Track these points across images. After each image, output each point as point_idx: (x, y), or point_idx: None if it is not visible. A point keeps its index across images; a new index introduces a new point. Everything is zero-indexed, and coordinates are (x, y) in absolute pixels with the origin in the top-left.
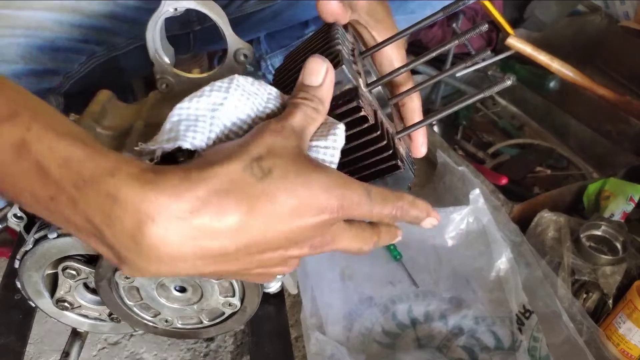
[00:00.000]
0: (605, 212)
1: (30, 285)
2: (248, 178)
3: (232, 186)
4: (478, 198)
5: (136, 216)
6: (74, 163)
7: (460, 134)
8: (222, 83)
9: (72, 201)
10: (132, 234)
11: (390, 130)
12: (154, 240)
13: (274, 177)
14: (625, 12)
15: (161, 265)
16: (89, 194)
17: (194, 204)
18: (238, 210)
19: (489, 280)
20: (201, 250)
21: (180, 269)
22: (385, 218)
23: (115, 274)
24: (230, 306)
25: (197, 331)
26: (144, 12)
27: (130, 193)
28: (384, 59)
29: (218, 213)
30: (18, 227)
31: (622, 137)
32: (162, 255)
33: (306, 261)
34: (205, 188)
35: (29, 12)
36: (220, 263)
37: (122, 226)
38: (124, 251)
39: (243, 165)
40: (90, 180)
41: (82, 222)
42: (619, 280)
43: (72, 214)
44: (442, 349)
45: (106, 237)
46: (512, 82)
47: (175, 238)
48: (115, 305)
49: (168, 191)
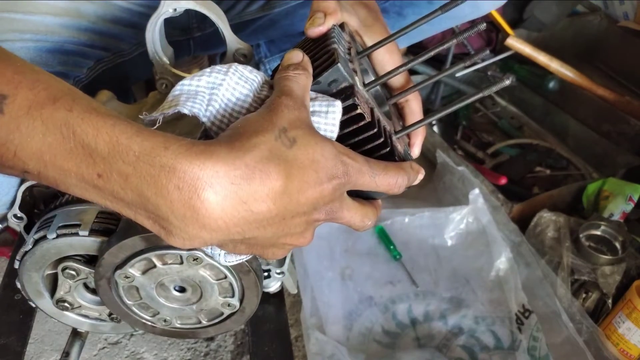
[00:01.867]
0: (604, 212)
1: (30, 285)
2: (280, 147)
3: (271, 154)
4: (478, 198)
5: (195, 184)
6: (123, 139)
7: (460, 134)
8: (221, 67)
9: (123, 176)
10: (190, 202)
11: (388, 128)
12: (212, 205)
13: (299, 145)
14: (624, 12)
15: (214, 231)
16: (142, 167)
17: (244, 170)
18: (279, 175)
19: (488, 280)
20: (251, 215)
21: (230, 234)
22: (389, 188)
23: (115, 273)
24: (229, 307)
25: (195, 331)
26: (148, 18)
27: (187, 163)
28: (376, 65)
29: (264, 178)
30: (18, 227)
31: (621, 137)
32: (218, 220)
33: (306, 261)
34: (251, 156)
35: (36, 17)
36: (262, 227)
37: (180, 195)
38: (178, 221)
39: (274, 136)
40: (142, 153)
41: (133, 197)
42: (618, 280)
43: (122, 190)
44: (442, 348)
45: (160, 209)
46: (511, 82)
47: (230, 202)
48: (114, 304)
49: (222, 160)
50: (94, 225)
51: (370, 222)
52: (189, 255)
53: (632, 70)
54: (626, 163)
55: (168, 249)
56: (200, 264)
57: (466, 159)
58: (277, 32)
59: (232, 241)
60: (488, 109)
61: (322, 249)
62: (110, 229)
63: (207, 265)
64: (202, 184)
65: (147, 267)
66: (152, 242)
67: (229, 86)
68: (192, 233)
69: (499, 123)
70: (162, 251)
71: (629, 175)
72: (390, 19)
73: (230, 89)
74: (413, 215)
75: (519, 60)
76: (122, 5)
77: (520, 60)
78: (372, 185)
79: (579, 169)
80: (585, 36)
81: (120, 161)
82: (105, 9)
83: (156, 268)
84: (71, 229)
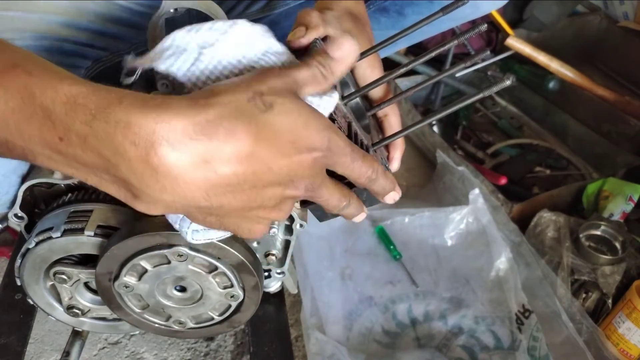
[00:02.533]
0: (604, 212)
1: (41, 299)
2: (252, 108)
3: (239, 113)
4: (477, 198)
5: (150, 138)
6: (80, 99)
7: (460, 134)
8: (223, 24)
9: (82, 138)
10: (147, 158)
11: (365, 142)
12: (169, 161)
13: (275, 112)
14: (624, 12)
15: (175, 192)
16: (99, 125)
17: (205, 125)
18: (247, 136)
19: (488, 280)
20: (215, 177)
21: (194, 198)
22: (362, 176)
23: (115, 285)
24: (233, 297)
25: (213, 328)
26: (149, 19)
27: (141, 116)
28: (357, 78)
29: (229, 136)
30: (19, 227)
31: (621, 137)
32: (178, 180)
33: (306, 261)
34: (214, 112)
35: (37, 15)
36: (230, 194)
37: (137, 151)
38: (137, 181)
39: (247, 97)
40: (97, 111)
41: (94, 159)
42: (618, 280)
43: (83, 152)
44: (442, 348)
45: (119, 169)
46: (511, 82)
47: (189, 160)
48: (127, 315)
49: (180, 113)
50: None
51: (345, 204)
52: (173, 253)
53: (632, 70)
54: (626, 163)
55: (152, 250)
56: (186, 259)
57: (466, 159)
58: (278, 33)
59: (199, 209)
60: (488, 109)
61: (322, 249)
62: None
63: (195, 259)
64: (158, 138)
65: (141, 273)
66: (135, 247)
67: (222, 47)
68: (153, 195)
69: (499, 123)
70: (148, 253)
71: (629, 175)
72: (390, 18)
73: (222, 50)
74: (413, 215)
75: (519, 60)
76: (123, 5)
77: (520, 60)
78: (349, 168)
79: (579, 169)
80: (585, 36)
81: (77, 122)
82: (105, 8)
83: (149, 272)
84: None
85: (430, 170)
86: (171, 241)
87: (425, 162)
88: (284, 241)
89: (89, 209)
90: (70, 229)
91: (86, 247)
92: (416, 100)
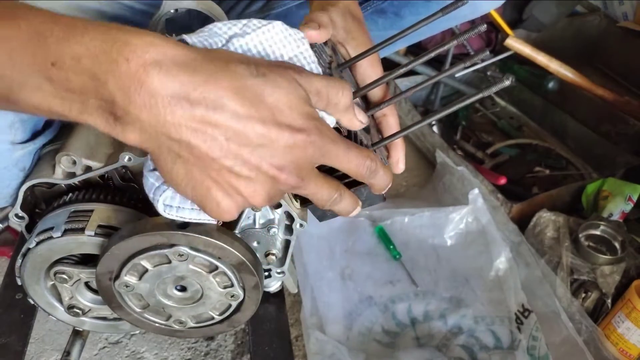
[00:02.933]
0: (604, 211)
1: (42, 299)
2: (244, 70)
3: (229, 68)
4: (477, 198)
5: (143, 57)
6: (79, 23)
7: (459, 134)
8: (259, 22)
9: (76, 59)
10: (136, 74)
11: (364, 142)
12: (155, 80)
13: (265, 79)
14: (624, 12)
15: (151, 114)
16: (95, 44)
17: (193, 61)
18: (228, 86)
19: (488, 279)
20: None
21: (165, 125)
22: (360, 166)
23: (115, 284)
24: (233, 297)
25: (214, 327)
26: (151, 17)
27: (139, 39)
28: (358, 77)
29: (211, 79)
30: (20, 226)
31: (620, 137)
32: (157, 100)
33: (306, 261)
34: (207, 57)
35: None
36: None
37: (127, 67)
38: (121, 97)
39: (243, 62)
40: (96, 32)
41: (84, 80)
42: (617, 280)
43: (74, 74)
44: (442, 348)
45: (107, 87)
46: (510, 82)
47: (171, 86)
48: (127, 314)
49: (176, 47)
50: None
51: (336, 197)
52: (174, 252)
53: (631, 71)
54: (625, 163)
55: (152, 250)
56: (187, 258)
57: (466, 159)
58: None
59: (170, 143)
60: (488, 109)
61: (322, 249)
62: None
63: (196, 259)
64: (150, 58)
65: (142, 272)
66: (135, 246)
67: (253, 39)
68: (134, 113)
69: (499, 123)
70: (148, 253)
71: (628, 175)
72: (388, 19)
73: (254, 42)
74: (413, 215)
75: (518, 60)
76: (124, 4)
77: (520, 60)
78: (344, 159)
79: (578, 169)
80: (585, 36)
81: (74, 43)
82: (107, 7)
83: (149, 272)
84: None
85: (430, 170)
86: (172, 241)
87: (425, 162)
88: (284, 241)
89: (90, 208)
90: (71, 229)
91: (87, 246)
92: (416, 100)
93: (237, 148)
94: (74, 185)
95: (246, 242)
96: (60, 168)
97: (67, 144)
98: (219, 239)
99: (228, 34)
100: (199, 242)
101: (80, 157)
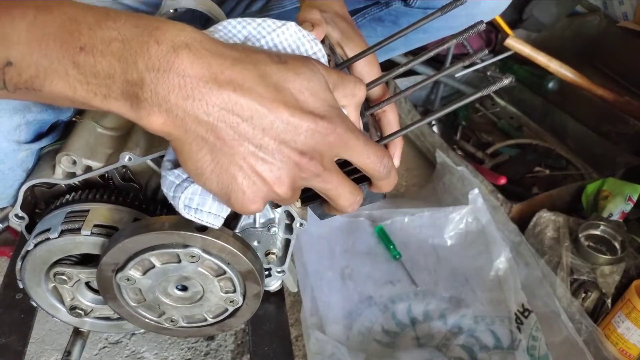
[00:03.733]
0: (603, 211)
1: (44, 301)
2: (266, 57)
3: (253, 57)
4: (477, 198)
5: (174, 39)
6: (111, 12)
7: (459, 134)
8: (273, 23)
9: (106, 42)
10: (167, 56)
11: None
12: (184, 62)
13: (288, 66)
14: (624, 12)
15: (180, 95)
16: (127, 28)
17: (219, 47)
18: (252, 72)
19: (488, 279)
20: (216, 91)
21: (193, 107)
22: (378, 162)
23: (117, 276)
24: (232, 303)
25: (202, 329)
26: None
27: (171, 24)
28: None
29: (236, 63)
30: (20, 227)
31: (620, 137)
32: (186, 81)
33: (306, 260)
34: (234, 46)
35: None
36: (228, 115)
37: (158, 49)
38: (150, 77)
39: (262, 50)
40: (129, 18)
41: (112, 63)
42: (617, 280)
43: (102, 58)
44: (442, 348)
45: (136, 67)
46: (510, 82)
47: (200, 68)
48: (120, 307)
49: (201, 33)
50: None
51: (358, 199)
52: (186, 253)
53: (631, 70)
54: (625, 163)
55: (165, 248)
56: (198, 260)
57: (466, 159)
58: None
59: (197, 125)
60: (487, 109)
61: (322, 248)
62: (113, 227)
63: (205, 262)
64: (181, 41)
65: (147, 268)
66: (149, 242)
67: (268, 42)
68: (162, 94)
69: (499, 123)
70: (160, 250)
71: (628, 175)
72: (385, 27)
73: (269, 45)
74: (413, 215)
75: (518, 60)
76: (125, 4)
77: (520, 60)
78: (363, 153)
79: (578, 169)
80: (585, 36)
81: (105, 28)
82: (107, 7)
83: (155, 268)
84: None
85: (429, 170)
86: (188, 242)
87: (425, 162)
88: (284, 240)
89: (86, 208)
90: (68, 229)
91: (84, 246)
92: (416, 100)
93: (262, 132)
94: (74, 185)
95: (247, 241)
96: (60, 168)
97: (67, 144)
98: (234, 245)
99: (243, 33)
100: (215, 246)
101: (80, 157)
